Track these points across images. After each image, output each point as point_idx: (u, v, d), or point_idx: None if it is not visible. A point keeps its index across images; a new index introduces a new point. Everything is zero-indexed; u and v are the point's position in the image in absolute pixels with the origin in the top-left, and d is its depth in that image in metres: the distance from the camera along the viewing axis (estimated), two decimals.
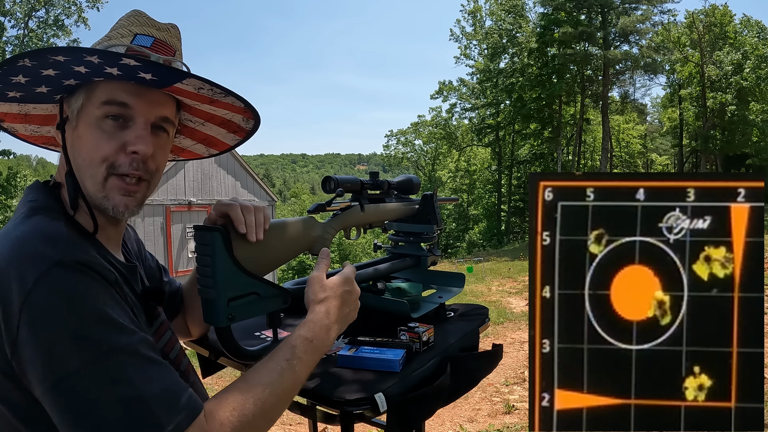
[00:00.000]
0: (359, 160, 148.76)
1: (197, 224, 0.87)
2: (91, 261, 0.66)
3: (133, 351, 0.62)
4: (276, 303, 0.91)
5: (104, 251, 0.78)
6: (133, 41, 0.79)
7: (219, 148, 1.03)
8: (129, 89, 0.76)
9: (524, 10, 30.18)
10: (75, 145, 0.77)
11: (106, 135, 0.75)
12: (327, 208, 1.11)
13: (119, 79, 0.74)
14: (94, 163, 0.75)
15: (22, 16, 19.41)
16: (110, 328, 0.62)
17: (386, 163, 39.81)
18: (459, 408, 3.98)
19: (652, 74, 27.51)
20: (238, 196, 12.81)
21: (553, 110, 29.03)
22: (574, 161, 29.99)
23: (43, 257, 0.63)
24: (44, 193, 0.78)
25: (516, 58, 30.08)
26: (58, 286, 0.61)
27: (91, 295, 0.63)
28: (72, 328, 0.60)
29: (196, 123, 0.96)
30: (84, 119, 0.76)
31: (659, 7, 25.89)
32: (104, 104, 0.75)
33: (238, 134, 0.98)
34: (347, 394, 0.87)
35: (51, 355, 0.59)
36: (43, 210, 0.73)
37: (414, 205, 1.36)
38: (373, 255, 2.00)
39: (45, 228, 0.68)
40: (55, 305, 0.60)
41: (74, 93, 0.78)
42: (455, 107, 34.35)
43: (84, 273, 0.64)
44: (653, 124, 35.29)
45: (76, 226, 0.74)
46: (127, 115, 0.76)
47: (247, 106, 0.87)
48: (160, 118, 0.80)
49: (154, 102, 0.78)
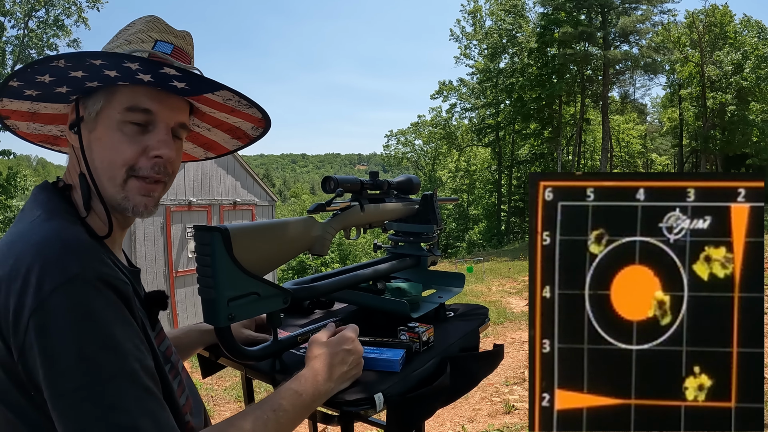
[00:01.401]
0: (359, 160, 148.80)
1: (197, 224, 0.87)
2: (109, 275, 0.66)
3: (134, 379, 0.62)
4: (276, 303, 0.91)
5: (113, 256, 0.78)
6: (155, 47, 0.79)
7: (218, 152, 1.04)
8: (151, 95, 0.76)
9: (524, 10, 30.21)
10: (92, 146, 0.77)
11: (128, 138, 0.75)
12: (327, 208, 1.11)
13: (148, 86, 0.75)
14: (115, 165, 0.75)
15: (22, 16, 19.43)
16: (116, 353, 0.62)
17: (386, 163, 39.83)
18: (459, 408, 3.98)
19: (652, 74, 27.52)
20: (238, 196, 12.82)
21: (553, 110, 29.05)
22: (574, 161, 30.00)
23: (64, 268, 0.62)
24: (56, 195, 0.77)
25: (516, 58, 30.11)
26: (73, 300, 0.61)
27: (104, 316, 0.63)
28: (79, 345, 0.60)
29: (203, 128, 0.96)
30: (104, 122, 0.76)
31: (659, 7, 25.90)
32: (127, 110, 0.75)
33: (241, 140, 0.98)
34: (347, 394, 0.87)
35: (54, 369, 0.60)
36: (60, 213, 0.73)
37: (414, 205, 1.36)
38: (373, 255, 2.00)
39: (66, 235, 0.68)
40: (66, 319, 0.60)
41: (92, 94, 0.77)
42: (455, 107, 34.40)
43: (100, 290, 0.64)
44: (653, 124, 35.29)
45: (89, 230, 0.74)
46: (149, 120, 0.77)
47: (265, 116, 0.88)
48: (179, 124, 0.81)
49: (175, 108, 0.79)
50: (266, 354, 0.93)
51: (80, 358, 0.60)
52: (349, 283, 1.14)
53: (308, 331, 1.04)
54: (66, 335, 0.60)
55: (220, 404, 4.43)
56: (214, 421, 0.85)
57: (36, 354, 0.60)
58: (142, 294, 0.82)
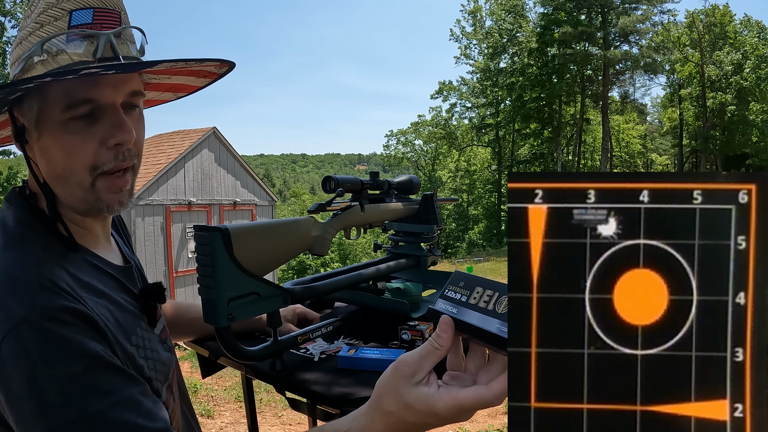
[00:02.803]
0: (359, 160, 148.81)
1: (197, 224, 0.86)
2: (62, 308, 0.60)
3: (103, 419, 0.58)
4: (276, 303, 0.91)
5: (92, 257, 0.73)
6: (72, 21, 0.66)
7: (188, 90, 0.95)
8: (85, 80, 0.66)
9: (524, 10, 30.21)
10: (46, 154, 0.69)
11: (79, 137, 0.67)
12: (327, 208, 1.11)
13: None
14: (77, 170, 0.69)
15: (22, 16, 19.42)
16: (79, 393, 0.58)
17: (386, 163, 39.82)
18: None
19: (652, 74, 27.55)
20: (238, 196, 12.81)
21: (553, 110, 29.05)
22: (574, 161, 30.01)
23: (9, 313, 0.59)
24: (22, 209, 0.71)
25: (516, 57, 30.11)
26: (23, 346, 0.57)
27: (59, 357, 0.58)
28: (38, 390, 0.57)
29: (162, 78, 0.87)
30: (47, 126, 0.67)
31: (659, 7, 25.91)
32: (67, 108, 0.66)
33: (208, 77, 0.90)
34: (347, 395, 0.87)
35: (21, 415, 0.58)
36: (18, 239, 0.67)
37: (414, 205, 1.36)
38: (373, 255, 2.00)
39: (14, 271, 0.63)
40: (21, 366, 0.57)
41: (24, 100, 0.68)
42: (455, 107, 34.41)
43: (50, 331, 0.58)
44: (653, 124, 35.30)
45: (61, 237, 0.70)
46: (93, 108, 0.68)
47: (224, 60, 0.80)
48: (127, 95, 0.71)
49: (116, 83, 0.69)
50: (266, 354, 0.93)
51: (42, 404, 0.57)
52: (349, 283, 1.14)
53: (308, 331, 1.04)
54: (22, 383, 0.57)
55: (220, 404, 4.43)
56: (213, 422, 0.84)
57: (4, 402, 0.59)
58: (136, 290, 0.78)
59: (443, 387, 0.54)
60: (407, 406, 0.54)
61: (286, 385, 0.95)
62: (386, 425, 0.56)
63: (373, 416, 0.57)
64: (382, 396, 0.56)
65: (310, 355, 1.04)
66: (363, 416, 0.58)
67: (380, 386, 0.56)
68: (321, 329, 1.07)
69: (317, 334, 1.06)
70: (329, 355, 1.04)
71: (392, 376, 0.55)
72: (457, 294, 0.56)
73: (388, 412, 0.55)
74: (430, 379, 0.54)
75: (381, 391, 0.56)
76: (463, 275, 0.57)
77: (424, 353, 0.53)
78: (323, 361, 1.01)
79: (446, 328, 0.53)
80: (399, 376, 0.54)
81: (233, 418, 4.19)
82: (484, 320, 0.53)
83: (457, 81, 33.97)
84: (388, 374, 0.55)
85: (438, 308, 0.55)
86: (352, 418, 0.60)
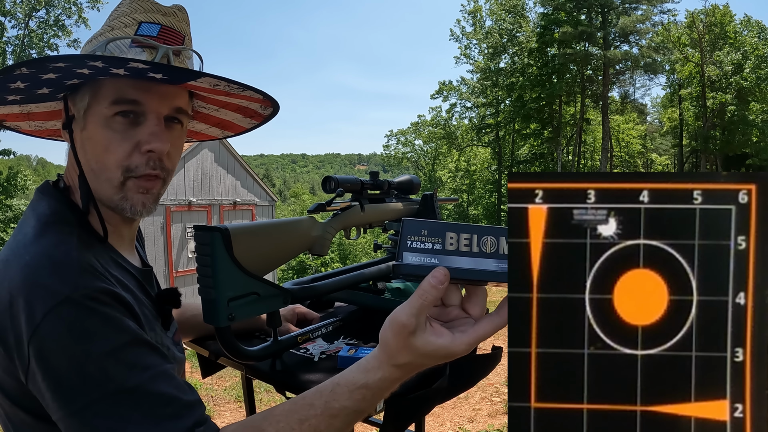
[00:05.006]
0: (359, 160, 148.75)
1: (197, 224, 0.86)
2: (101, 289, 0.64)
3: (142, 391, 0.60)
4: (276, 303, 0.90)
5: (117, 256, 0.76)
6: (138, 31, 0.73)
7: (234, 130, 1.00)
8: (137, 85, 0.71)
9: (524, 10, 30.18)
10: (85, 146, 0.74)
11: (119, 135, 0.72)
12: (327, 208, 1.11)
13: (127, 78, 0.70)
14: (110, 167, 0.72)
15: (22, 16, 19.40)
16: (119, 367, 0.60)
17: (386, 163, 39.79)
18: (459, 408, 3.97)
19: (652, 74, 27.52)
20: (238, 196, 12.81)
21: (553, 110, 29.03)
22: (574, 161, 29.99)
23: (52, 291, 0.61)
24: (55, 199, 0.74)
25: (516, 57, 30.08)
26: (65, 322, 0.60)
27: (100, 332, 0.61)
28: (80, 364, 0.59)
29: (210, 109, 0.92)
30: (93, 119, 0.72)
31: (659, 7, 25.90)
32: (113, 104, 0.71)
33: (255, 119, 0.95)
34: None
35: (59, 390, 0.60)
36: (54, 226, 0.70)
37: (414, 205, 1.35)
38: (373, 255, 2.00)
39: (55, 254, 0.65)
40: (62, 342, 0.60)
41: (79, 90, 0.73)
42: (455, 107, 34.38)
43: (92, 308, 0.62)
44: (653, 124, 35.27)
45: (91, 231, 0.73)
46: (138, 112, 0.72)
47: (266, 96, 0.83)
48: (173, 109, 0.76)
49: (165, 95, 0.74)
50: (266, 354, 0.93)
51: (82, 376, 0.59)
52: (349, 283, 1.14)
53: (308, 331, 1.04)
54: (64, 358, 0.59)
55: (220, 404, 4.43)
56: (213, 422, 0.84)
57: (41, 379, 0.60)
58: (153, 293, 0.81)
59: (457, 332, 0.55)
60: (425, 355, 0.55)
61: (286, 385, 0.95)
62: (404, 372, 0.58)
63: (388, 369, 0.57)
64: (393, 355, 0.56)
65: (310, 355, 1.04)
66: (376, 369, 0.58)
67: (388, 346, 0.56)
68: (321, 329, 1.07)
69: (317, 334, 1.06)
70: (329, 355, 1.04)
71: (398, 335, 0.55)
72: (427, 243, 0.53)
73: (404, 363, 0.56)
74: (436, 328, 0.55)
75: (390, 351, 0.56)
76: (419, 222, 0.53)
77: (416, 310, 0.53)
78: (323, 361, 1.01)
79: (443, 279, 0.52)
80: (406, 332, 0.54)
81: (233, 418, 4.19)
82: (478, 263, 0.52)
83: (457, 81, 33.95)
84: (391, 334, 0.55)
85: (411, 262, 0.52)
86: (365, 371, 0.59)
